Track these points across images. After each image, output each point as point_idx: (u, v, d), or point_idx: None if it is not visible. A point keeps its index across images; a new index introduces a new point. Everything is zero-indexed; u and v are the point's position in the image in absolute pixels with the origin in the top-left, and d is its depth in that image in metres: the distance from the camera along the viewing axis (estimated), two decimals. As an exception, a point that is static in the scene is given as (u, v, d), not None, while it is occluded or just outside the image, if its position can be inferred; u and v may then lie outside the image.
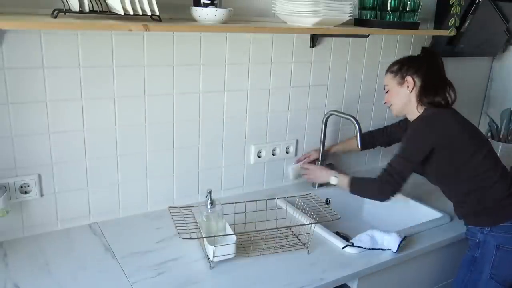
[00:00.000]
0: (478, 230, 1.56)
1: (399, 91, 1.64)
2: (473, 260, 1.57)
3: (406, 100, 1.63)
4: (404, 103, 1.64)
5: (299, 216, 1.66)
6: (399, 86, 1.63)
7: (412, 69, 1.61)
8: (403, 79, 1.62)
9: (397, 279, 1.57)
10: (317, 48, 1.87)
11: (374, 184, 1.61)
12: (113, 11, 1.25)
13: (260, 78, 1.77)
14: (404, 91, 1.62)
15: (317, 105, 1.97)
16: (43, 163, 1.44)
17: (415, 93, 1.61)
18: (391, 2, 1.80)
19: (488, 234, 1.53)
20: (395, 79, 1.64)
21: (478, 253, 1.56)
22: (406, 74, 1.61)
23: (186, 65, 1.59)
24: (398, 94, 1.64)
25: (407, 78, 1.61)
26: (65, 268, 1.31)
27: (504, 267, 1.51)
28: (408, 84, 1.61)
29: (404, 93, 1.63)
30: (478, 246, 1.56)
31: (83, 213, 1.55)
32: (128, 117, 1.54)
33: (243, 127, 1.80)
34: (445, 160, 1.55)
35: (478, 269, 1.55)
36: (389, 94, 1.68)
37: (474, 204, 1.56)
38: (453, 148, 1.53)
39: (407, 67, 1.62)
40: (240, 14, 1.61)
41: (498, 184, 1.53)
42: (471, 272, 1.57)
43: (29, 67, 1.34)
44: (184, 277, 1.30)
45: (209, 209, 1.41)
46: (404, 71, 1.62)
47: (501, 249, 1.51)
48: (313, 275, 1.34)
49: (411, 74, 1.61)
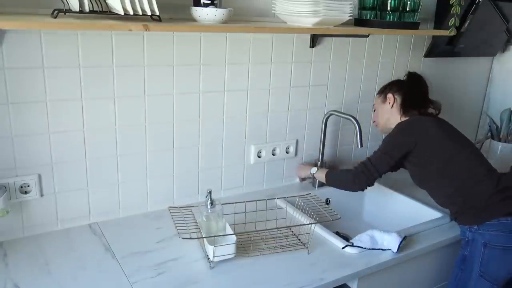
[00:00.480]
0: (466, 229, 1.58)
1: (382, 108, 1.80)
2: (464, 259, 1.58)
3: (388, 116, 1.78)
4: (386, 119, 1.79)
5: (299, 216, 1.66)
6: (383, 104, 1.80)
7: (395, 87, 1.79)
8: (385, 97, 1.79)
9: (397, 279, 1.57)
10: (317, 48, 1.87)
11: (348, 174, 1.71)
12: (113, 11, 1.25)
13: (260, 78, 1.77)
14: (386, 107, 1.78)
15: (317, 105, 1.97)
16: (43, 163, 1.44)
17: (396, 108, 1.76)
18: (391, 2, 1.80)
19: (476, 232, 1.54)
20: (380, 98, 1.82)
21: (467, 252, 1.57)
22: (388, 92, 1.78)
23: (186, 65, 1.59)
24: (381, 110, 1.81)
25: (388, 95, 1.78)
26: (65, 268, 1.31)
27: (493, 264, 1.52)
28: (389, 100, 1.77)
29: (386, 109, 1.79)
30: (468, 244, 1.57)
31: (83, 213, 1.55)
32: (128, 117, 1.54)
33: (243, 127, 1.81)
34: (425, 160, 1.62)
35: (468, 268, 1.57)
36: (375, 113, 1.86)
37: (460, 204, 1.58)
38: (432, 148, 1.62)
39: (390, 86, 1.81)
40: (240, 14, 1.61)
41: (483, 183, 1.55)
42: (462, 271, 1.59)
43: (29, 67, 1.34)
44: (184, 277, 1.30)
45: (209, 209, 1.41)
46: (387, 90, 1.80)
47: (488, 246, 1.52)
48: (313, 275, 1.34)
49: (393, 92, 1.77)
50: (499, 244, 1.51)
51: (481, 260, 1.53)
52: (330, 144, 2.07)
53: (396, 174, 1.86)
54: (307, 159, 2.02)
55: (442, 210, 1.76)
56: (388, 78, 2.16)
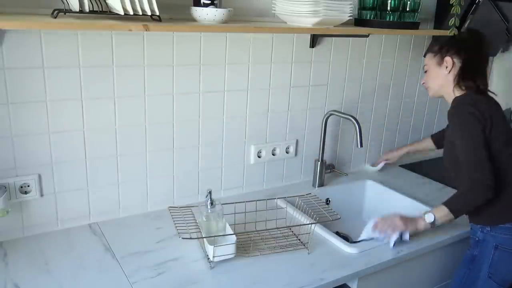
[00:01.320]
0: (478, 229, 1.56)
1: (437, 71, 1.60)
2: (472, 259, 1.57)
3: (443, 82, 1.59)
4: (440, 85, 1.61)
5: (299, 216, 1.66)
6: (438, 67, 1.60)
7: (453, 49, 1.57)
8: (442, 59, 1.58)
9: (397, 279, 1.57)
10: (317, 48, 1.87)
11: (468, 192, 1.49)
12: (113, 11, 1.25)
13: (260, 78, 1.77)
14: (441, 72, 1.59)
15: (317, 105, 1.97)
16: (43, 163, 1.44)
17: (452, 74, 1.57)
18: (391, 2, 1.80)
19: (488, 233, 1.53)
20: (434, 59, 1.60)
21: (477, 252, 1.56)
22: (446, 54, 1.57)
23: (186, 65, 1.59)
24: (436, 74, 1.61)
25: (446, 59, 1.57)
26: (65, 268, 1.31)
27: (502, 267, 1.51)
28: (446, 64, 1.57)
29: (442, 74, 1.59)
30: (478, 244, 1.56)
31: (83, 213, 1.55)
32: (128, 117, 1.54)
33: (243, 127, 1.81)
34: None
35: (476, 268, 1.55)
36: (427, 74, 1.65)
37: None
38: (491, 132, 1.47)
39: (448, 47, 1.58)
40: (240, 14, 1.61)
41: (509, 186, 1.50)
42: (470, 270, 1.58)
43: (29, 67, 1.34)
44: (184, 277, 1.30)
45: (209, 209, 1.41)
46: (444, 52, 1.58)
47: (499, 249, 1.51)
48: (313, 275, 1.34)
49: (451, 55, 1.56)
50: (510, 248, 1.50)
51: (491, 262, 1.52)
52: (330, 144, 2.07)
53: (396, 174, 1.87)
54: (307, 159, 2.02)
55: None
56: (388, 78, 2.16)
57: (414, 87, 2.29)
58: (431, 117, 2.44)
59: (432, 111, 2.43)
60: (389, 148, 2.28)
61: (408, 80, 2.25)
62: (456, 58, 1.56)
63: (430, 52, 1.64)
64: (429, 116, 2.43)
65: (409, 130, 2.37)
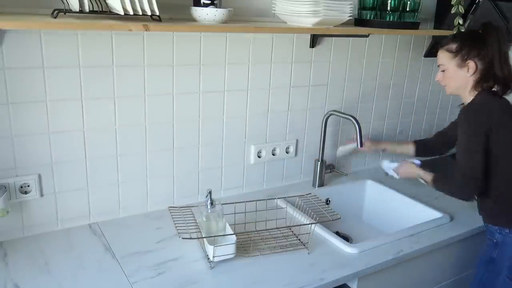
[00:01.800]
0: (496, 230, 1.54)
1: (458, 73, 1.54)
2: (491, 261, 1.55)
3: (463, 83, 1.54)
4: (459, 86, 1.56)
5: (299, 216, 1.66)
6: (458, 68, 1.53)
7: (475, 51, 1.50)
8: (464, 62, 1.51)
9: (397, 279, 1.57)
10: (317, 48, 1.87)
11: (454, 184, 1.54)
12: (113, 11, 1.25)
13: (260, 78, 1.77)
14: (463, 74, 1.53)
15: (317, 105, 1.97)
16: (43, 163, 1.44)
17: (474, 77, 1.52)
18: (391, 2, 1.80)
19: (507, 235, 1.51)
20: (454, 60, 1.53)
21: (496, 254, 1.54)
22: (468, 57, 1.50)
23: (186, 65, 1.59)
24: (456, 76, 1.54)
25: (469, 63, 1.50)
26: (65, 268, 1.31)
27: None
28: (469, 68, 1.51)
29: (463, 76, 1.53)
30: (496, 246, 1.54)
31: (83, 213, 1.55)
32: (128, 117, 1.54)
33: (243, 127, 1.80)
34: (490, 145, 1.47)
35: (496, 270, 1.54)
36: (445, 74, 1.58)
37: (498, 201, 1.52)
38: (498, 136, 1.46)
39: (469, 48, 1.50)
40: (240, 14, 1.61)
41: None
42: (488, 272, 1.56)
43: (29, 67, 1.34)
44: (184, 277, 1.30)
45: (209, 209, 1.41)
46: (466, 53, 1.51)
47: None
48: (313, 275, 1.34)
49: (473, 58, 1.50)
50: None
51: (510, 264, 1.50)
52: (330, 144, 2.07)
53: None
54: (307, 159, 2.02)
55: (442, 210, 1.77)
56: (388, 78, 2.16)
57: (414, 87, 2.29)
58: (431, 117, 2.44)
59: (432, 111, 2.43)
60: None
61: (408, 80, 2.25)
62: (479, 61, 1.50)
63: (448, 51, 1.55)
64: (429, 116, 2.42)
65: (409, 130, 2.37)
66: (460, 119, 1.54)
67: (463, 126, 1.51)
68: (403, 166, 1.78)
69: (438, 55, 1.60)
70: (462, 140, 1.50)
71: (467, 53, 1.51)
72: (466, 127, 1.50)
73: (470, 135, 1.48)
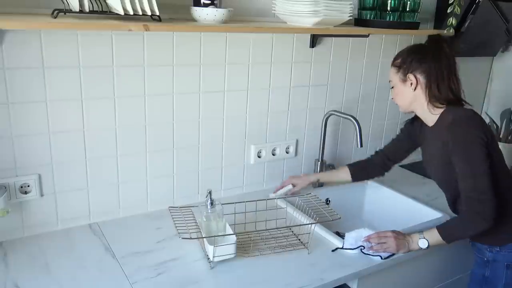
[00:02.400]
0: (486, 249, 1.50)
1: (403, 89, 1.50)
2: (484, 280, 1.52)
3: (411, 99, 1.49)
4: (409, 102, 1.51)
5: (299, 216, 1.66)
6: (403, 84, 1.49)
7: (415, 63, 1.45)
8: (405, 76, 1.48)
9: (397, 279, 1.57)
10: (317, 48, 1.87)
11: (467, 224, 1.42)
12: (113, 11, 1.25)
13: (260, 78, 1.77)
14: (407, 90, 1.48)
15: (317, 105, 1.97)
16: (43, 163, 1.44)
17: (420, 91, 1.47)
18: (391, 2, 1.80)
19: (498, 253, 1.48)
20: (398, 75, 1.50)
21: (488, 273, 1.51)
22: (408, 71, 1.46)
23: (186, 65, 1.59)
24: (401, 92, 1.51)
25: (409, 76, 1.46)
26: (65, 268, 1.31)
27: None
28: (411, 81, 1.46)
29: (408, 92, 1.49)
30: (487, 265, 1.50)
31: (83, 213, 1.55)
32: (128, 117, 1.54)
33: (243, 127, 1.81)
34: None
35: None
36: (394, 90, 1.54)
37: None
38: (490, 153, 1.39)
39: (410, 60, 1.46)
40: (240, 14, 1.61)
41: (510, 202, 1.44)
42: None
43: (29, 67, 1.34)
44: (184, 277, 1.30)
45: (209, 209, 1.41)
46: (407, 67, 1.47)
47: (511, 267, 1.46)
48: (313, 275, 1.34)
49: (413, 71, 1.45)
50: None
51: (505, 282, 1.47)
52: (330, 144, 2.07)
53: (396, 174, 1.87)
54: (307, 159, 2.02)
55: (442, 210, 1.76)
56: (388, 78, 2.15)
57: (414, 87, 2.29)
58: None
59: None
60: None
61: (408, 80, 2.25)
62: (418, 74, 1.45)
63: (393, 66, 1.52)
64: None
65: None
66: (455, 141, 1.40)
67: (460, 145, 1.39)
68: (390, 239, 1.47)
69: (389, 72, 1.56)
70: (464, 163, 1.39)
71: (407, 66, 1.47)
72: (467, 156, 1.38)
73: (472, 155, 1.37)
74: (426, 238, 1.45)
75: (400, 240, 1.46)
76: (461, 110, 1.46)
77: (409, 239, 1.48)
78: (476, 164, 1.37)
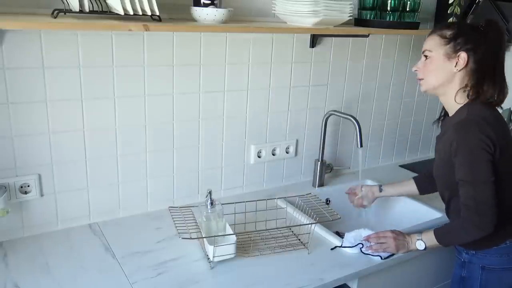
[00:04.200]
0: (463, 250, 1.49)
1: (444, 65, 1.31)
2: (462, 280, 1.51)
3: (446, 80, 1.31)
4: (442, 82, 1.32)
5: (299, 216, 1.66)
6: (446, 59, 1.30)
7: (470, 43, 1.27)
8: (455, 53, 1.29)
9: (397, 279, 1.57)
10: (317, 48, 1.87)
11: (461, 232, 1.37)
12: (113, 11, 1.25)
13: (260, 78, 1.77)
14: (449, 68, 1.30)
15: (317, 105, 1.97)
16: (43, 163, 1.44)
17: (461, 74, 1.30)
18: (391, 2, 1.80)
19: (473, 256, 1.46)
20: (444, 48, 1.30)
21: (465, 273, 1.50)
22: (461, 47, 1.27)
23: (186, 65, 1.59)
24: (440, 68, 1.31)
25: (461, 54, 1.27)
26: (65, 268, 1.31)
27: (493, 285, 1.45)
28: (459, 60, 1.28)
29: (448, 70, 1.30)
30: (464, 266, 1.50)
31: (83, 213, 1.55)
32: (128, 117, 1.54)
33: (243, 127, 1.81)
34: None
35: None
36: (427, 63, 1.34)
37: None
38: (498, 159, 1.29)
39: (465, 38, 1.27)
40: (240, 14, 1.61)
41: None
42: None
43: (29, 67, 1.34)
44: (184, 277, 1.30)
45: (209, 209, 1.41)
46: (460, 43, 1.28)
47: (486, 269, 1.44)
48: (313, 275, 1.34)
49: (467, 50, 1.27)
50: (498, 266, 1.42)
51: (480, 282, 1.46)
52: (330, 144, 2.07)
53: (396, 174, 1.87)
54: (307, 159, 2.02)
55: (442, 210, 1.76)
56: (388, 78, 2.16)
57: (414, 87, 2.29)
58: (431, 117, 2.44)
59: (432, 111, 2.43)
60: (388, 149, 2.28)
61: (408, 80, 2.25)
62: (472, 57, 1.27)
63: (440, 36, 1.32)
64: (429, 116, 2.42)
65: (409, 130, 2.37)
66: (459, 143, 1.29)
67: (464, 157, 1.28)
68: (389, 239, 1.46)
69: (426, 40, 1.37)
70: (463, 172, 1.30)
71: (462, 43, 1.28)
72: (470, 161, 1.28)
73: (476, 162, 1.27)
74: (423, 240, 1.44)
75: (399, 240, 1.47)
76: (478, 109, 1.31)
77: (408, 239, 1.47)
78: (477, 171, 1.27)
